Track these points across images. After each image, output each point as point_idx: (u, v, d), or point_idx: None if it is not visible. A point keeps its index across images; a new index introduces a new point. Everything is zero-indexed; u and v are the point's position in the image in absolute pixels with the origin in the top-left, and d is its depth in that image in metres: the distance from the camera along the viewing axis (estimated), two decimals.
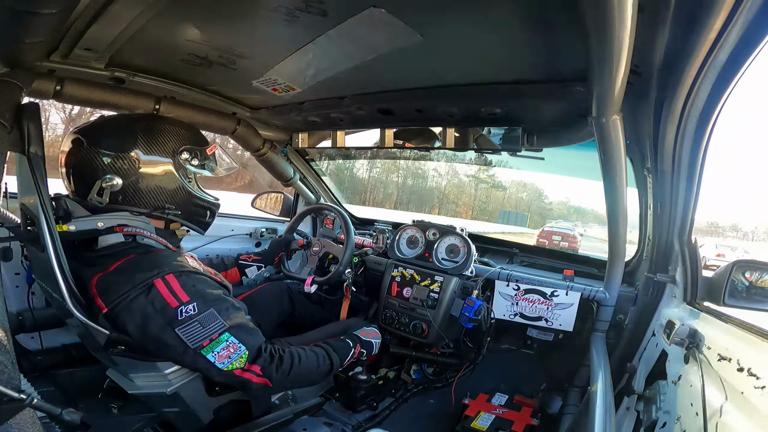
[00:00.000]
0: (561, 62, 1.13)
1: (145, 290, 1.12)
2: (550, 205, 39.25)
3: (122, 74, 1.45)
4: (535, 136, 1.52)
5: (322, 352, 1.42)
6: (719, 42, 0.73)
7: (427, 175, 39.16)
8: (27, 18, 0.79)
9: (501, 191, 39.29)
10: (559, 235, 15.35)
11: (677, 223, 1.37)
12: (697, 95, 0.91)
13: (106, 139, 1.23)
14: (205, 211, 1.42)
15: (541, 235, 15.95)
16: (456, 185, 40.19)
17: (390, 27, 1.05)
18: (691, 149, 1.10)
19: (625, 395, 1.48)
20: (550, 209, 38.73)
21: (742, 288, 1.24)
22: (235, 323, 1.20)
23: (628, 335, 1.74)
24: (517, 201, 38.83)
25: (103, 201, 1.21)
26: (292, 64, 1.36)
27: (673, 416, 1.02)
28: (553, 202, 39.20)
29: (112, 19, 1.02)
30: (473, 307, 1.82)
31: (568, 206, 37.26)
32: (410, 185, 38.43)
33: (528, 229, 24.44)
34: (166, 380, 1.23)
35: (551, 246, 14.48)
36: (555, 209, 38.69)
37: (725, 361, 0.95)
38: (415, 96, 1.52)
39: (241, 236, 2.50)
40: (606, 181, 1.40)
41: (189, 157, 1.34)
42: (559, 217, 31.99)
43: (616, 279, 1.70)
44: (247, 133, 2.04)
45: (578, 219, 30.76)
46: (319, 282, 2.00)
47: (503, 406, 1.86)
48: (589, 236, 18.78)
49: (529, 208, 36.83)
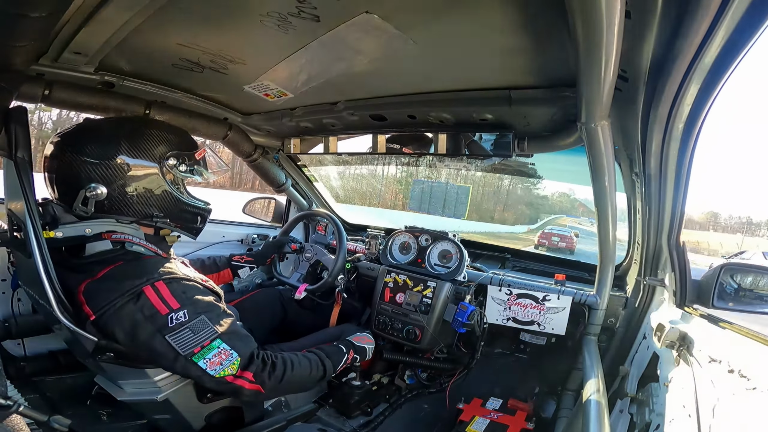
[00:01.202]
0: (551, 68, 1.15)
1: (134, 298, 1.10)
2: (546, 199, 36.34)
3: (112, 78, 1.44)
4: (525, 142, 1.53)
5: (315, 357, 1.41)
6: (705, 45, 0.75)
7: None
8: (16, 21, 0.78)
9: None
10: (557, 236, 16.93)
11: (665, 227, 1.39)
12: (683, 99, 0.93)
13: (89, 145, 1.19)
14: (195, 217, 1.40)
15: (542, 236, 17.51)
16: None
17: (382, 33, 1.06)
18: (678, 152, 1.12)
19: (618, 398, 1.49)
20: (545, 202, 35.92)
21: (731, 290, 1.26)
22: (226, 330, 1.18)
23: (620, 338, 1.75)
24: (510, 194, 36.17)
25: (88, 210, 1.18)
26: (284, 70, 1.37)
27: (666, 418, 1.03)
28: (549, 195, 36.20)
29: (102, 23, 1.01)
30: (466, 312, 1.82)
31: (571, 199, 34.37)
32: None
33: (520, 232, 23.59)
34: (155, 387, 1.21)
35: (550, 246, 16.02)
36: (554, 203, 36.14)
37: (716, 363, 0.96)
38: (407, 102, 1.53)
39: (232, 243, 2.48)
40: (595, 185, 1.41)
41: (176, 162, 1.30)
42: (560, 212, 30.21)
43: (607, 283, 1.71)
44: (238, 138, 2.04)
45: (582, 214, 28.98)
46: (310, 290, 1.99)
47: (498, 411, 1.86)
48: (583, 230, 19.19)
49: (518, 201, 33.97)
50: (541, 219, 27.20)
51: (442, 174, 12.15)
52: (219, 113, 1.87)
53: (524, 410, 1.85)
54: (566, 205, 32.16)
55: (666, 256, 1.46)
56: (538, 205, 31.47)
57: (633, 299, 1.74)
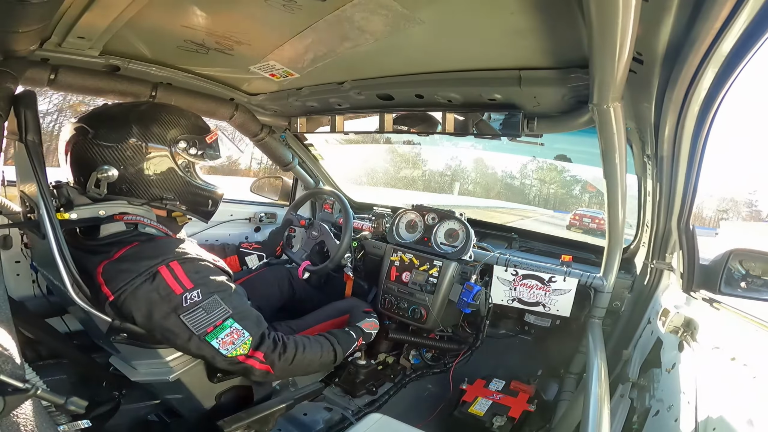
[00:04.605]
0: (562, 49, 1.12)
1: (150, 278, 1.12)
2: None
3: (117, 61, 1.43)
4: (534, 122, 1.51)
5: (326, 342, 1.43)
6: (724, 31, 0.72)
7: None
8: (18, 7, 0.77)
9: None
10: (589, 218, 17.07)
11: (676, 210, 1.37)
12: (700, 83, 0.90)
13: (101, 129, 1.21)
14: (206, 200, 1.41)
15: (575, 218, 17.71)
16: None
17: (389, 12, 1.03)
18: (692, 136, 1.09)
19: (619, 383, 1.50)
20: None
21: (739, 277, 1.25)
22: (238, 309, 1.21)
23: (624, 322, 1.75)
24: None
25: (101, 192, 1.20)
26: (290, 50, 1.34)
27: (666, 404, 1.04)
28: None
29: (106, 6, 1.00)
30: (472, 292, 1.83)
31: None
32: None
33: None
34: (168, 367, 1.24)
35: (581, 226, 16.48)
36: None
37: (718, 350, 0.97)
38: (415, 81, 1.51)
39: (240, 221, 2.50)
40: (606, 167, 1.39)
41: (186, 146, 1.30)
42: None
43: (614, 265, 1.70)
44: (245, 118, 2.03)
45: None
46: (312, 271, 2.02)
47: (500, 392, 1.89)
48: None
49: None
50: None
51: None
52: (225, 94, 1.86)
53: (526, 392, 1.88)
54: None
55: (675, 240, 1.45)
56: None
57: (639, 283, 1.74)
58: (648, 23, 0.80)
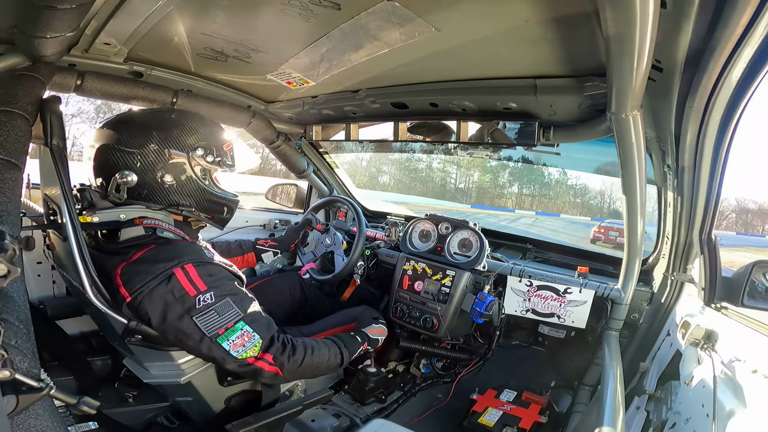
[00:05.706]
0: (579, 57, 1.11)
1: (166, 279, 1.15)
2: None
3: (141, 68, 1.47)
4: (551, 131, 1.49)
5: (334, 346, 1.44)
6: (746, 37, 0.71)
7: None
8: (47, 13, 0.81)
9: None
10: (616, 231, 16.36)
11: (698, 221, 1.34)
12: (721, 91, 0.88)
13: (123, 134, 1.24)
14: (222, 208, 1.42)
15: (600, 231, 17.26)
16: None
17: (404, 21, 1.04)
18: (714, 145, 1.07)
19: (635, 395, 1.46)
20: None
21: (762, 289, 1.21)
22: (249, 312, 1.23)
23: (642, 334, 1.71)
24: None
25: (121, 197, 1.23)
26: (306, 58, 1.37)
27: (684, 416, 1.01)
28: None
29: (130, 13, 1.04)
30: (485, 302, 1.80)
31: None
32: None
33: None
34: (179, 369, 1.26)
35: (607, 240, 16.11)
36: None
37: (739, 363, 0.93)
38: (429, 90, 1.51)
39: (255, 227, 2.53)
40: (624, 177, 1.36)
41: (204, 153, 1.33)
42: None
43: (633, 277, 1.66)
44: (261, 125, 2.06)
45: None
46: (313, 276, 2.05)
47: (511, 403, 1.86)
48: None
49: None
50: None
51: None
52: (243, 101, 1.89)
53: (538, 403, 1.84)
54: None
55: (696, 251, 1.41)
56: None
57: (659, 295, 1.69)
58: (667, 30, 0.79)
